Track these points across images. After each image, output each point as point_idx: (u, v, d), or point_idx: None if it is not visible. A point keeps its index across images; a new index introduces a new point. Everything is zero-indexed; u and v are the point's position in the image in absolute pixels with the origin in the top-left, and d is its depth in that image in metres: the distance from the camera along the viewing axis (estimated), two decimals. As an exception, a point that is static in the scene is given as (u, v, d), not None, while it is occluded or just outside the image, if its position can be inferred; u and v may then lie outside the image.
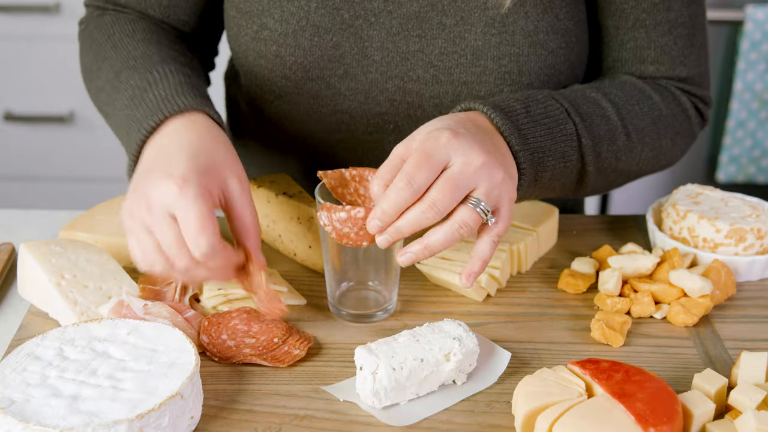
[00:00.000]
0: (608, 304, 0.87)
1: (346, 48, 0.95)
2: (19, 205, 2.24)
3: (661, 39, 0.98)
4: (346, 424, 0.73)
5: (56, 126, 2.23)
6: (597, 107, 0.92)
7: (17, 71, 2.18)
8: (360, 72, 0.97)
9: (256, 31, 0.96)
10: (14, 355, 0.73)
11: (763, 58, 1.99)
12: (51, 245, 0.87)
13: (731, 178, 2.11)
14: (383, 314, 0.87)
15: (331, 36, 0.95)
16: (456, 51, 0.94)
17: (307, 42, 0.95)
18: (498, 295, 0.91)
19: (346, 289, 0.87)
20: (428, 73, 0.96)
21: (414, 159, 0.75)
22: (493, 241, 0.79)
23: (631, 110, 0.94)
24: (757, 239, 0.92)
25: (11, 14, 2.11)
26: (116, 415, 0.66)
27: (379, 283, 0.86)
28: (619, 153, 0.93)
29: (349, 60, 0.96)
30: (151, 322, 0.77)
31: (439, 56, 0.95)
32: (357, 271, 0.86)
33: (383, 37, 0.95)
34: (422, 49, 0.95)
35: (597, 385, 0.70)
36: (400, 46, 0.95)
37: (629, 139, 0.93)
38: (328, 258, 0.85)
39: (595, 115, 0.91)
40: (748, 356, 0.76)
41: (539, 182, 0.86)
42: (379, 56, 0.96)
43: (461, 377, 0.77)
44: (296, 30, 0.95)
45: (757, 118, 2.05)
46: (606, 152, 0.91)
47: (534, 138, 0.84)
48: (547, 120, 0.86)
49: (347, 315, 0.86)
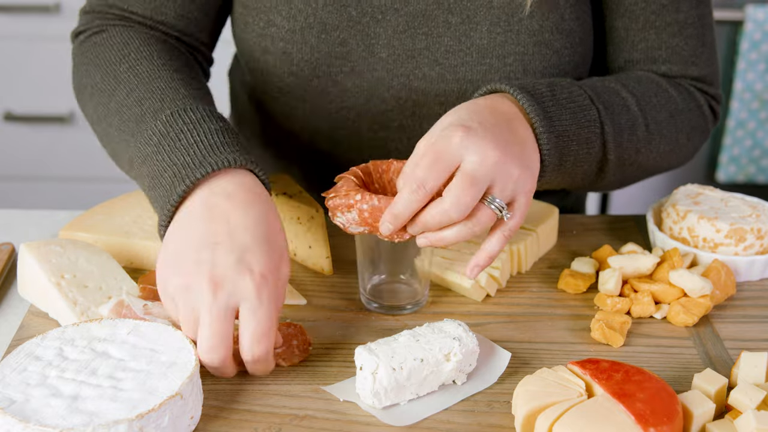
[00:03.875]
0: (608, 304, 0.87)
1: (353, 45, 0.96)
2: (19, 205, 2.24)
3: (672, 40, 0.98)
4: (346, 424, 0.73)
5: (56, 126, 2.23)
6: (618, 97, 0.91)
7: (17, 71, 2.18)
8: (366, 69, 0.97)
9: (263, 27, 0.96)
10: (14, 355, 0.73)
11: (763, 58, 1.99)
12: (51, 245, 0.87)
13: (731, 178, 2.11)
14: (413, 307, 0.87)
15: (338, 33, 0.95)
16: (462, 49, 0.95)
17: (314, 39, 0.95)
18: (498, 295, 0.91)
19: (378, 282, 0.88)
20: (434, 71, 0.96)
21: (425, 160, 0.76)
22: (504, 236, 0.79)
23: (649, 102, 0.94)
24: (757, 239, 0.92)
25: (11, 14, 2.11)
26: (116, 415, 0.66)
27: (411, 277, 0.87)
28: (639, 144, 0.93)
29: (355, 57, 0.96)
30: (151, 322, 0.77)
31: (444, 54, 0.95)
32: (389, 264, 0.87)
33: (390, 35, 0.95)
34: (428, 47, 0.95)
35: (597, 385, 0.70)
36: (406, 43, 0.95)
37: (648, 130, 0.93)
38: (361, 250, 0.86)
39: (616, 105, 0.90)
40: (748, 356, 0.76)
41: (563, 167, 0.86)
42: (386, 53, 0.96)
43: (461, 377, 0.77)
44: (303, 27, 0.95)
45: (757, 118, 2.05)
46: (627, 142, 0.91)
47: (559, 121, 0.84)
48: (571, 105, 0.86)
49: (378, 307, 0.87)
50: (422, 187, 0.75)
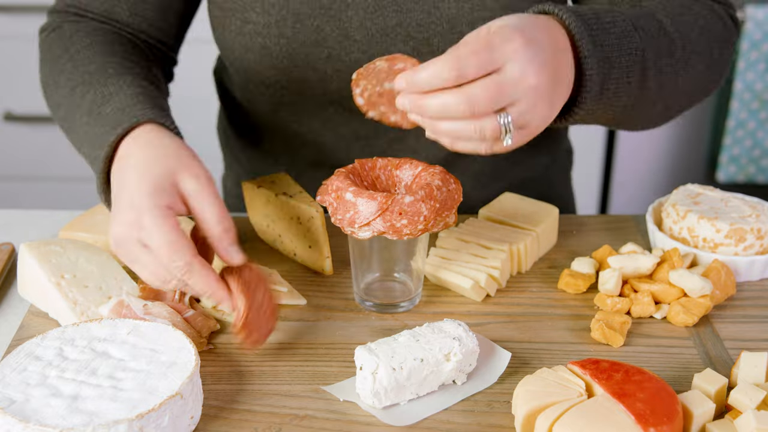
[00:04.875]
0: (608, 304, 0.87)
1: (328, 31, 0.98)
2: (19, 205, 2.24)
3: None
4: (346, 424, 0.73)
5: (56, 126, 2.22)
6: (655, 21, 0.89)
7: (17, 71, 2.18)
8: (343, 53, 0.99)
9: (240, 26, 0.99)
10: (14, 355, 0.73)
11: (763, 58, 1.99)
12: (51, 245, 0.87)
13: (731, 178, 2.11)
14: (408, 305, 0.88)
15: (311, 21, 0.97)
16: (432, 21, 0.97)
17: (290, 30, 0.98)
18: (498, 295, 0.91)
19: (371, 280, 0.88)
20: (408, 46, 0.98)
21: (473, 45, 0.71)
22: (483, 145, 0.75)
23: (682, 21, 0.91)
24: (757, 239, 0.92)
25: (11, 14, 2.11)
26: (116, 414, 0.66)
27: (404, 275, 0.88)
28: (677, 66, 0.90)
29: (331, 42, 0.99)
30: (151, 322, 0.77)
31: (416, 28, 0.97)
32: (383, 262, 0.87)
33: (362, 16, 0.98)
34: (400, 24, 0.97)
35: (597, 385, 0.70)
36: (378, 23, 0.98)
37: (685, 51, 0.90)
38: (354, 248, 0.86)
39: (654, 29, 0.87)
40: (748, 356, 0.76)
41: (604, 96, 0.83)
42: (360, 35, 0.98)
43: (461, 377, 0.77)
44: (278, 20, 0.97)
45: (757, 118, 2.05)
46: (666, 66, 0.88)
47: (603, 47, 0.81)
48: (615, 30, 0.83)
49: (372, 306, 0.87)
50: (456, 65, 0.70)
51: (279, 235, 0.97)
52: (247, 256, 0.79)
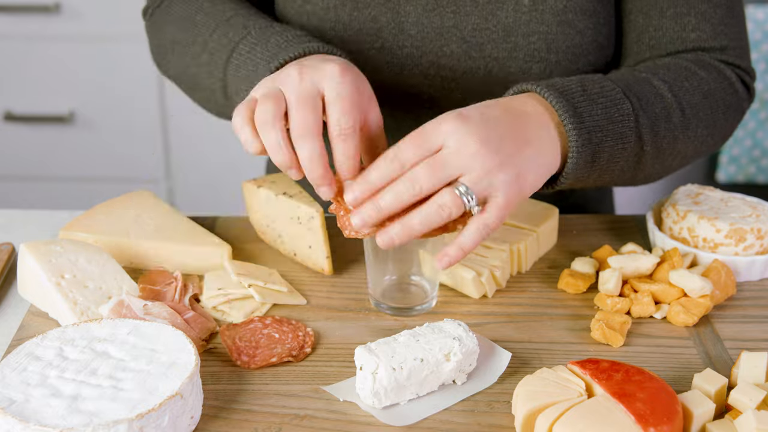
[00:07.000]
0: (608, 304, 0.87)
1: (383, 22, 0.99)
2: (19, 205, 2.23)
3: (701, 5, 0.98)
4: (346, 424, 0.73)
5: (56, 126, 2.23)
6: (650, 86, 0.91)
7: (17, 71, 2.18)
8: (396, 46, 1.00)
9: (301, 5, 1.01)
10: (14, 355, 0.73)
11: (763, 58, 1.99)
12: (51, 245, 0.87)
13: (731, 178, 2.11)
14: (423, 308, 0.88)
15: (369, 10, 0.99)
16: (488, 27, 0.98)
17: (347, 16, 1.00)
18: (498, 295, 0.91)
19: (388, 283, 0.88)
20: (461, 49, 0.99)
21: (409, 137, 0.76)
22: (479, 230, 0.75)
23: (682, 86, 0.93)
24: (757, 239, 0.92)
25: (11, 14, 2.11)
26: (116, 414, 0.66)
27: (420, 278, 0.88)
28: (675, 131, 0.91)
29: (385, 34, 1.00)
30: (151, 322, 0.77)
31: (471, 32, 0.98)
32: (398, 264, 0.87)
33: (419, 13, 0.99)
34: (456, 25, 0.98)
35: (597, 385, 0.70)
36: (435, 21, 0.99)
37: (684, 115, 0.92)
38: (370, 251, 0.86)
39: (649, 94, 0.90)
40: (748, 356, 0.76)
41: (596, 164, 0.84)
42: (415, 31, 0.99)
43: (461, 377, 0.77)
44: (337, 4, 1.00)
45: (757, 118, 2.05)
46: (663, 131, 0.90)
47: (590, 117, 0.83)
48: (603, 99, 0.85)
49: (388, 309, 0.87)
50: (397, 158, 0.74)
51: (279, 235, 0.97)
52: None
